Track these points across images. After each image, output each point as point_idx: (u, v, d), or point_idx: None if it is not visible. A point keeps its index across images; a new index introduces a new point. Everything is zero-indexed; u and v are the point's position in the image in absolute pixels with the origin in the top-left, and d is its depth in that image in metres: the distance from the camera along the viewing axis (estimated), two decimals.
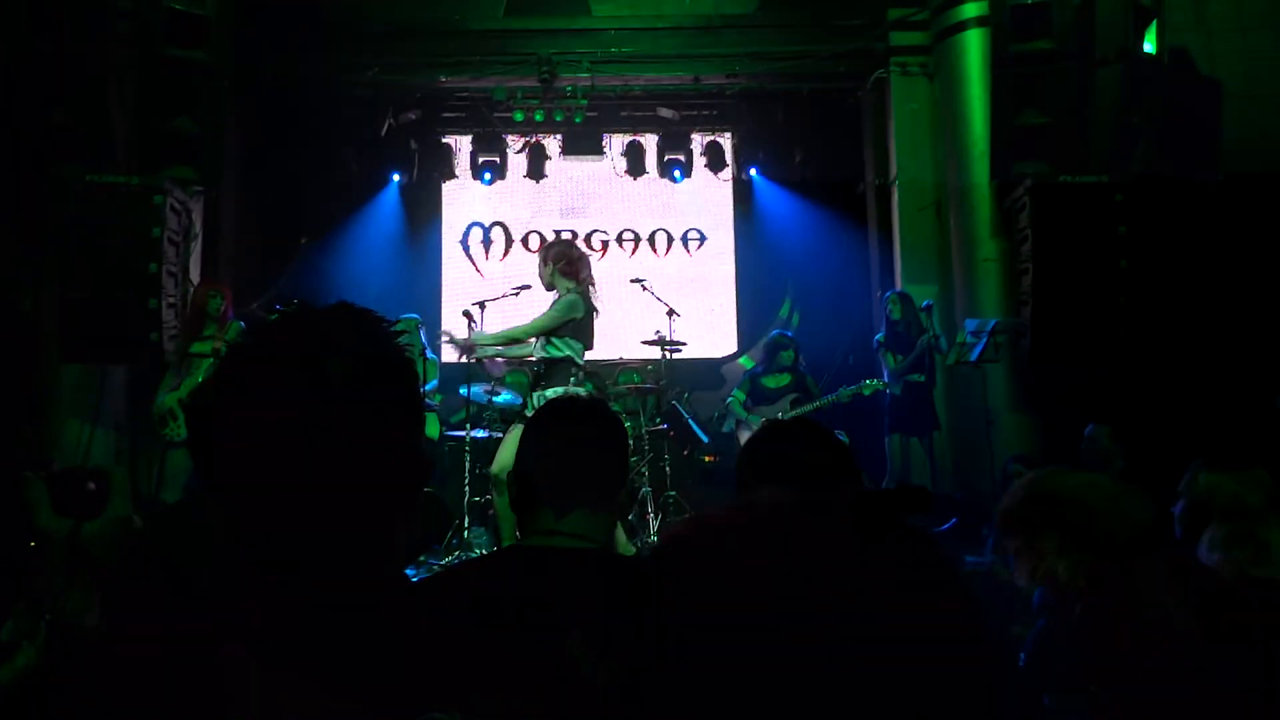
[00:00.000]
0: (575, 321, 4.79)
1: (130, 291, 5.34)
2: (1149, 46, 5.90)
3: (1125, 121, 5.75)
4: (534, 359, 5.01)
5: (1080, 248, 5.52)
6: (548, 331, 4.85)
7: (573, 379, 4.72)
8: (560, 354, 4.76)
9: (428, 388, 6.38)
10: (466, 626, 1.19)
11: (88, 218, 5.38)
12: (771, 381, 6.45)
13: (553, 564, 1.43)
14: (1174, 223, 5.79)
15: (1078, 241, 5.52)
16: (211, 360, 5.57)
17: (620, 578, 1.44)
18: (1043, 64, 5.78)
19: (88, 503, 1.13)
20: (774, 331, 6.78)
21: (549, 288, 4.93)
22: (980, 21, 6.38)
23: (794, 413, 6.23)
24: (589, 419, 1.61)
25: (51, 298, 5.51)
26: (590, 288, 4.92)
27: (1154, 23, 5.89)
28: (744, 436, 6.41)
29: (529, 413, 4.73)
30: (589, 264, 5.00)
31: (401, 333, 0.88)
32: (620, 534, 4.83)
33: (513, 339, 5.04)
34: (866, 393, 6.17)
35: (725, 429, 6.71)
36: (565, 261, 4.89)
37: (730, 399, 6.64)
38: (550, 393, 4.65)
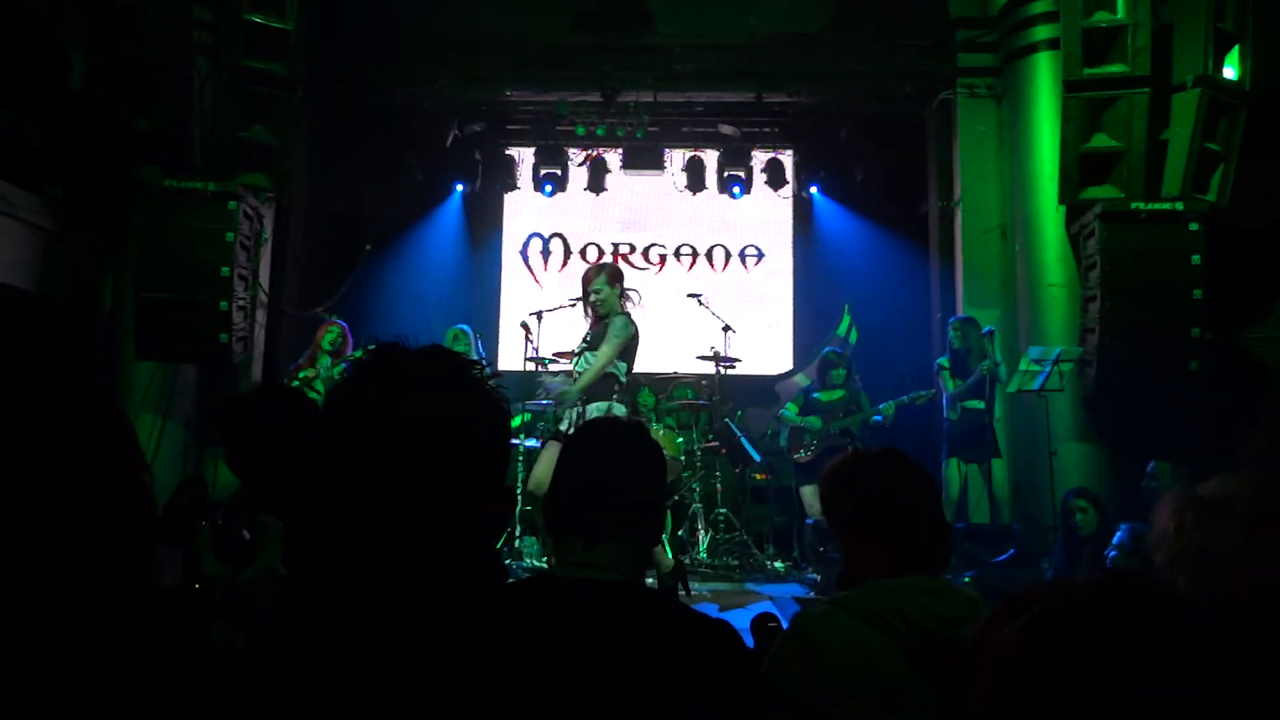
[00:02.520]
0: (629, 340, 4.81)
1: (203, 293, 5.52)
2: (1231, 72, 5.73)
3: (1202, 149, 5.58)
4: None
5: (1151, 276, 5.37)
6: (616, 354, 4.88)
7: (615, 395, 4.73)
8: (608, 371, 4.77)
9: None
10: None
11: (165, 221, 5.58)
12: (824, 396, 6.43)
13: (579, 596, 1.38)
14: (1253, 253, 5.60)
15: (1149, 270, 5.38)
16: (298, 384, 5.76)
17: (647, 614, 1.40)
18: (1115, 88, 5.65)
19: (244, 551, 1.24)
20: (825, 349, 6.74)
21: (608, 312, 4.89)
22: (1051, 44, 6.26)
23: (843, 422, 6.18)
24: (623, 445, 1.52)
25: (129, 297, 5.72)
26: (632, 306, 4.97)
27: (1235, 47, 5.73)
28: (794, 446, 6.35)
29: (563, 427, 4.75)
30: None
31: (493, 376, 0.92)
32: (664, 554, 4.82)
33: (599, 372, 4.93)
34: (920, 403, 6.15)
35: (781, 443, 6.65)
36: (622, 282, 4.91)
37: (783, 411, 6.60)
38: (593, 408, 4.67)
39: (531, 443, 6.23)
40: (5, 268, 5.58)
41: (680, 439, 6.20)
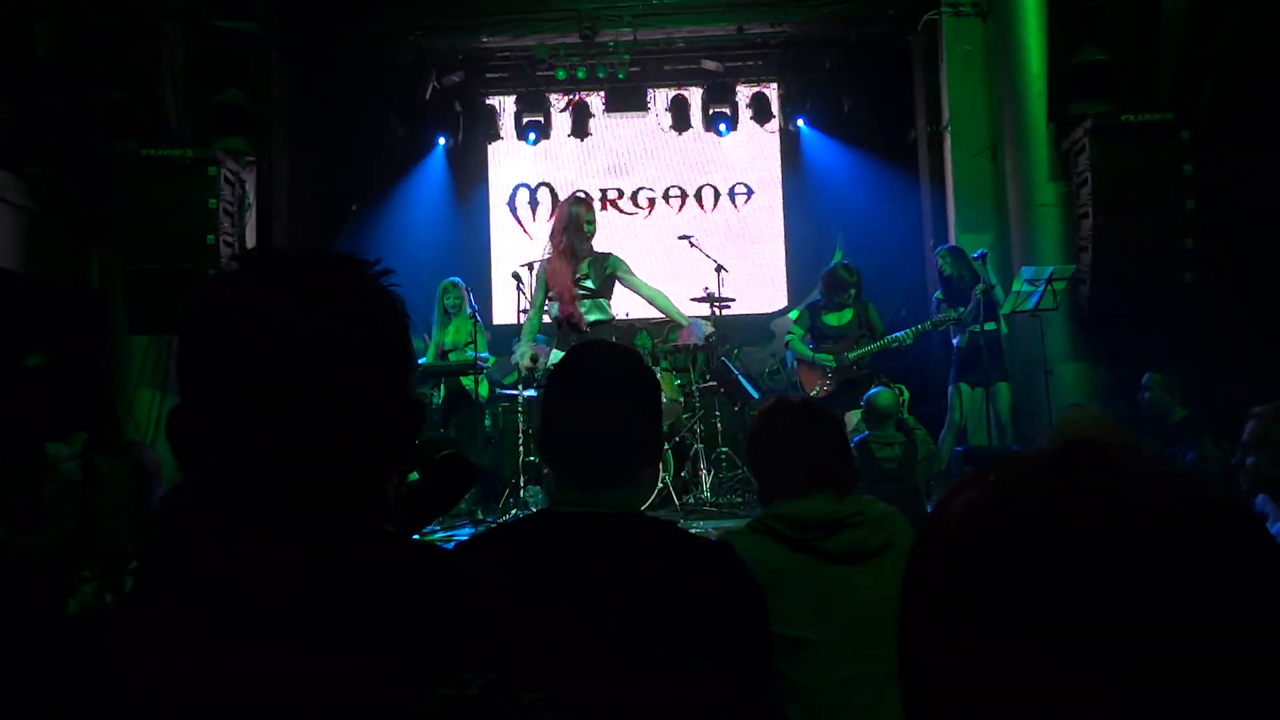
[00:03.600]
0: None
1: (190, 263, 5.48)
2: None
3: (1192, 54, 5.48)
4: (603, 321, 5.02)
5: (1143, 189, 5.31)
6: None
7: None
8: (607, 315, 4.79)
9: (484, 355, 6.46)
10: (498, 588, 1.21)
11: (146, 191, 5.52)
12: (833, 319, 6.10)
13: (588, 528, 1.35)
14: (1245, 160, 5.53)
15: (1140, 183, 5.32)
16: None
17: (646, 538, 1.38)
18: None
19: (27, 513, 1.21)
20: (832, 262, 6.42)
21: (591, 248, 4.93)
22: None
23: (858, 352, 5.98)
24: (616, 382, 1.40)
25: (118, 271, 5.69)
26: None
27: None
28: (808, 378, 6.20)
29: None
30: None
31: (386, 272, 0.83)
32: None
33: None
34: (940, 329, 5.98)
35: (789, 363, 6.53)
36: None
37: (789, 336, 6.42)
38: None
39: (531, 393, 6.25)
40: None
41: (678, 381, 6.22)
